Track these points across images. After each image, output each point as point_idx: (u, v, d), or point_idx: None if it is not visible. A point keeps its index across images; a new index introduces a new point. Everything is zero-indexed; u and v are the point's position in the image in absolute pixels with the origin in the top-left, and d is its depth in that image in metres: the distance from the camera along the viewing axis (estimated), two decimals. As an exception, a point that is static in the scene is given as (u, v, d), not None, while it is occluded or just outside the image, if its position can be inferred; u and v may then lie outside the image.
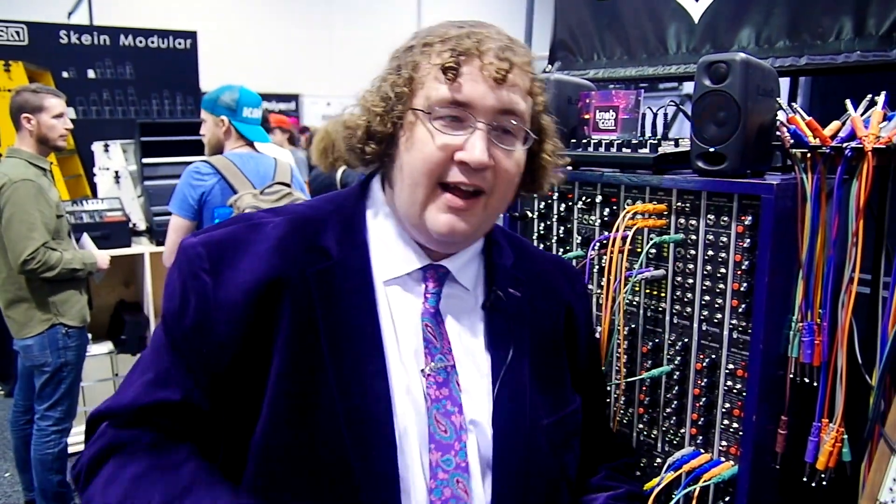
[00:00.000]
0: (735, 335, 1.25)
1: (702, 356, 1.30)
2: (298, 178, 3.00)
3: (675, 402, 1.35)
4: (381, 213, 0.94)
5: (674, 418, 1.36)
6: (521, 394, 0.93)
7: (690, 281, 1.31)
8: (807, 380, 1.23)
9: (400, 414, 0.86)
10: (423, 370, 0.88)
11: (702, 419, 1.30)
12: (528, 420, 0.93)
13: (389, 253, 0.92)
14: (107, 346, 4.09)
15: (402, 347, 0.89)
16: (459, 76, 0.84)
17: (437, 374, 0.88)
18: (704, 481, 1.24)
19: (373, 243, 0.92)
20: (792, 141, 1.21)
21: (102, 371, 4.03)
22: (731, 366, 1.26)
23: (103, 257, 3.16)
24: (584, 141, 1.49)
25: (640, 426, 1.43)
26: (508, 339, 0.95)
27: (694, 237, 1.30)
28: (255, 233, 0.89)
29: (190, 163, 2.82)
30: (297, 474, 0.83)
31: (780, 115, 1.26)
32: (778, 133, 1.25)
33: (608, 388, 1.39)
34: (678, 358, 1.34)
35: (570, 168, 1.55)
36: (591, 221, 1.51)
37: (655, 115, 1.44)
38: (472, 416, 0.90)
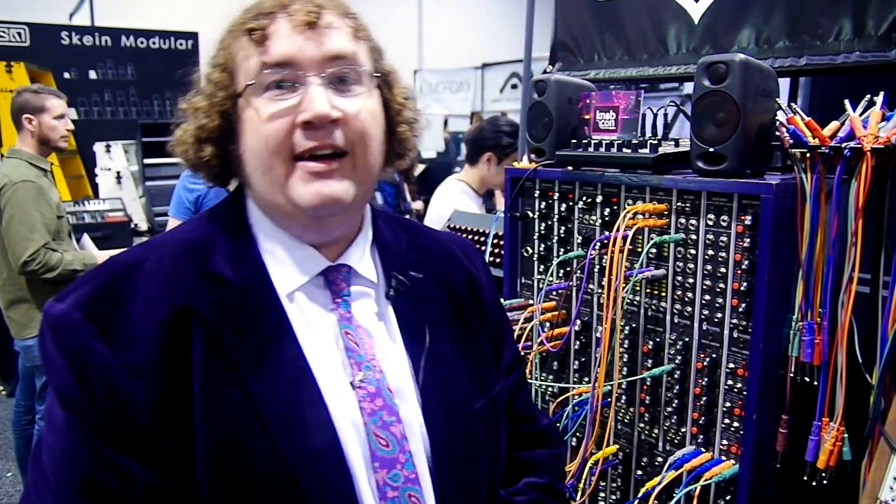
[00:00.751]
0: (735, 334, 1.25)
1: (702, 355, 1.31)
2: None
3: (676, 402, 1.35)
4: (262, 223, 0.84)
5: (675, 417, 1.36)
6: (449, 382, 0.85)
7: (691, 280, 1.32)
8: (807, 379, 1.23)
9: (342, 438, 0.77)
10: (351, 382, 0.79)
11: (702, 418, 1.31)
12: (461, 409, 0.85)
13: (284, 263, 0.82)
14: (108, 346, 4.08)
15: (326, 363, 0.79)
16: (269, 37, 0.76)
17: (367, 384, 0.80)
18: (705, 480, 1.24)
19: (265, 256, 0.82)
20: (791, 141, 1.22)
21: (103, 371, 4.02)
22: (731, 365, 1.26)
23: (104, 258, 3.16)
24: (585, 141, 1.50)
25: (641, 425, 1.43)
26: (422, 326, 0.87)
27: (694, 237, 1.30)
28: (133, 276, 0.76)
29: (191, 164, 2.83)
30: None
31: (780, 116, 1.26)
32: (777, 133, 1.26)
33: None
34: (679, 357, 1.34)
35: (570, 168, 1.55)
36: (591, 221, 1.51)
37: (655, 115, 1.45)
38: (409, 418, 0.81)
